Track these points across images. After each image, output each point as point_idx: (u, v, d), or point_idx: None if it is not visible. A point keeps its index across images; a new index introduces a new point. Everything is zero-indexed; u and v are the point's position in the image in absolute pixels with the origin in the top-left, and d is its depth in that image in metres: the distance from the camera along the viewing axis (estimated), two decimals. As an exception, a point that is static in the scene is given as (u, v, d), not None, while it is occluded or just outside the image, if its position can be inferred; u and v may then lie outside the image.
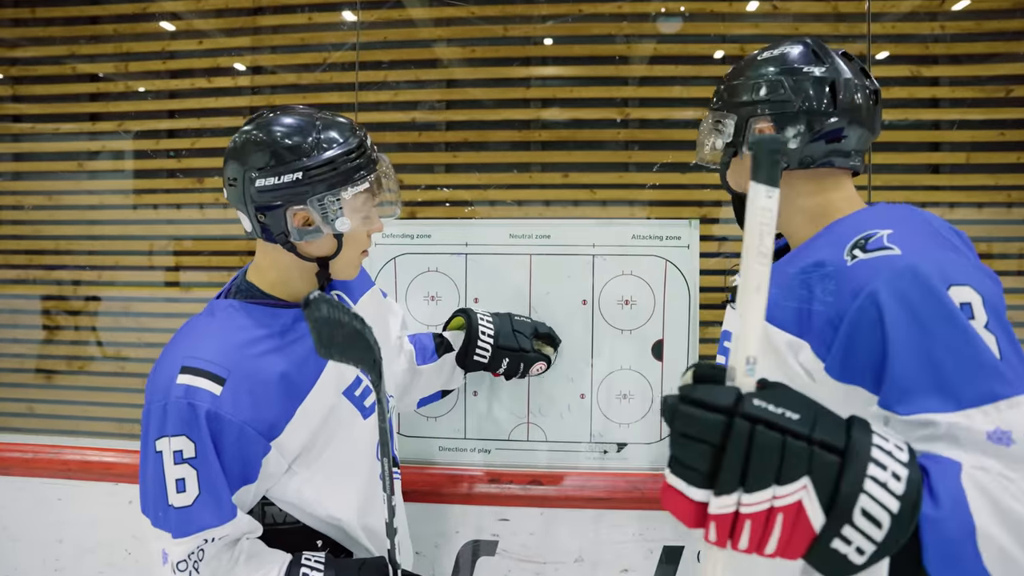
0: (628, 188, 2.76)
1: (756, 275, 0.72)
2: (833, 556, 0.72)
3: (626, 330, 1.74)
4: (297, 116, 1.19)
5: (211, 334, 1.17)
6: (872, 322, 0.90)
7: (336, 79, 2.81)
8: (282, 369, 1.17)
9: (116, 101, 2.94)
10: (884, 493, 0.71)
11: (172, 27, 2.90)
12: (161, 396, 1.10)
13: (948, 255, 0.94)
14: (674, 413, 0.72)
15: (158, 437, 1.09)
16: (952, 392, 0.83)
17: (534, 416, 1.76)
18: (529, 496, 1.71)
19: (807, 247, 1.09)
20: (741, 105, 1.16)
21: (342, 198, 1.17)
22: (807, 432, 0.71)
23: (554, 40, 2.77)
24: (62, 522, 1.85)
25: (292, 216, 1.16)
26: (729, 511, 0.70)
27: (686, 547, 1.69)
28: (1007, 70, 2.65)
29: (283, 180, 1.14)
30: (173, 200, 2.93)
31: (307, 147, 1.15)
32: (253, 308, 1.21)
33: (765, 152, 0.72)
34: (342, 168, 1.17)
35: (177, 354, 1.14)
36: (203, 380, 1.10)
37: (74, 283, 3.01)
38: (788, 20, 2.66)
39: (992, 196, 2.62)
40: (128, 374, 2.91)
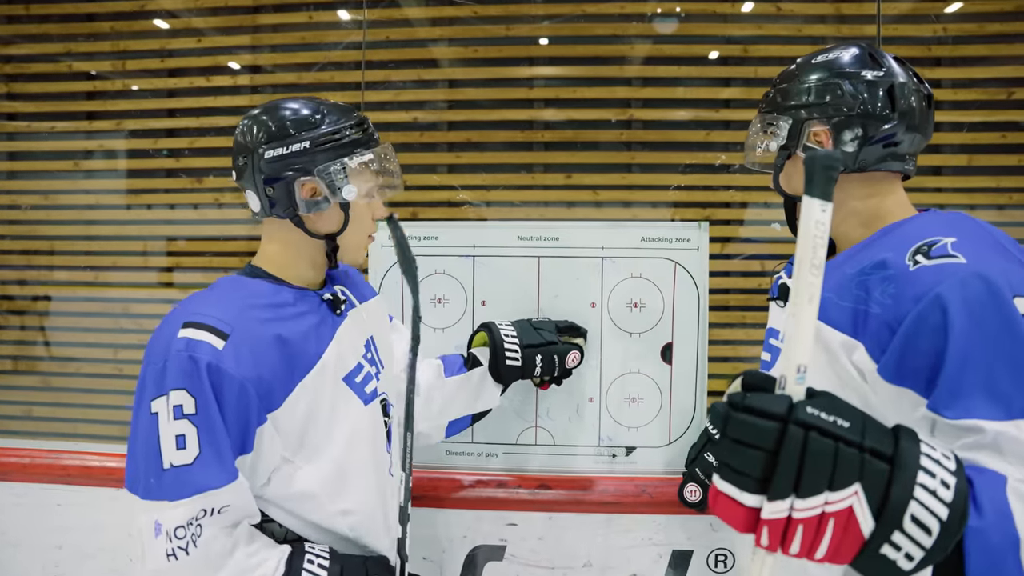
0: (631, 189, 2.76)
1: (809, 286, 0.72)
2: (882, 562, 0.73)
3: (635, 333, 1.73)
4: (300, 99, 1.25)
5: (214, 297, 1.18)
6: (935, 326, 0.90)
7: (338, 78, 2.79)
8: (285, 337, 1.16)
9: (113, 99, 2.92)
10: (934, 500, 0.72)
11: (167, 25, 2.87)
12: (161, 355, 1.07)
13: (1012, 266, 0.95)
14: (727, 420, 0.74)
15: (155, 397, 1.05)
16: (1004, 401, 0.85)
17: (542, 420, 1.75)
18: (537, 500, 1.70)
19: (864, 248, 1.09)
20: (796, 108, 1.16)
21: (347, 166, 1.20)
22: (859, 439, 0.71)
23: (556, 40, 2.76)
24: (62, 528, 1.83)
25: (300, 187, 1.19)
26: (782, 516, 0.71)
27: (695, 552, 1.68)
28: (1008, 72, 2.66)
29: (291, 149, 1.18)
30: (171, 200, 2.91)
31: (313, 120, 1.20)
32: (256, 281, 1.23)
33: (820, 168, 0.72)
34: (346, 139, 1.21)
35: (178, 314, 1.13)
36: (205, 333, 1.08)
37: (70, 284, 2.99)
38: (791, 22, 2.66)
39: (994, 198, 2.63)
40: (126, 376, 2.89)
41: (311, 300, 1.25)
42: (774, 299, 1.32)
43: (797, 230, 1.21)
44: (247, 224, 2.88)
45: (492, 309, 1.75)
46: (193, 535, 1.03)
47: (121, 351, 2.88)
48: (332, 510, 1.22)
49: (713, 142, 2.71)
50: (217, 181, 2.87)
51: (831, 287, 1.04)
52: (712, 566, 1.67)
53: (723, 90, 2.73)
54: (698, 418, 1.72)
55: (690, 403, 1.73)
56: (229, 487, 1.07)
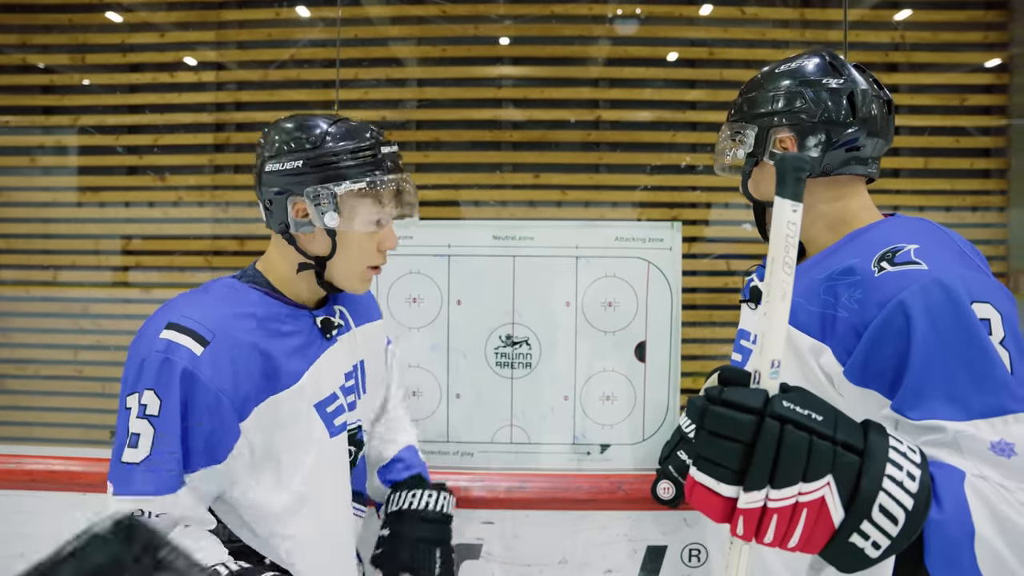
0: (598, 189, 2.79)
1: (781, 284, 0.76)
2: (851, 550, 0.76)
3: (609, 332, 1.75)
4: (319, 115, 1.22)
5: (204, 300, 1.15)
6: (898, 330, 0.94)
7: (305, 76, 2.76)
8: (267, 351, 1.14)
9: (71, 94, 2.84)
10: (900, 491, 0.75)
11: (120, 19, 2.80)
12: (141, 352, 1.06)
13: (971, 272, 0.97)
14: (704, 414, 0.76)
15: (130, 392, 1.04)
16: (963, 402, 0.88)
17: (517, 418, 1.76)
18: (513, 499, 1.70)
19: (832, 254, 1.12)
20: (762, 116, 1.18)
21: (336, 193, 1.15)
22: (831, 433, 0.75)
23: (524, 41, 2.78)
24: (24, 535, 1.77)
25: (292, 206, 1.17)
26: (757, 506, 0.74)
27: (669, 547, 1.70)
28: (961, 79, 2.76)
29: (286, 167, 1.16)
30: (132, 198, 2.84)
31: (314, 138, 1.17)
32: (251, 290, 1.20)
33: (790, 170, 0.77)
34: (343, 163, 1.16)
35: (164, 313, 1.10)
36: (186, 338, 1.06)
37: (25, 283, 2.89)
38: (756, 26, 2.72)
39: (948, 200, 2.73)
40: (86, 378, 2.81)
41: (303, 320, 1.22)
42: (746, 301, 1.35)
43: (767, 234, 1.25)
44: (208, 223, 2.84)
45: (467, 308, 1.75)
46: None
47: (81, 352, 2.81)
48: (277, 530, 1.18)
49: (679, 143, 2.76)
50: (179, 179, 2.82)
51: (800, 292, 1.08)
52: (686, 561, 1.70)
53: (689, 92, 2.78)
54: (671, 415, 1.75)
55: (663, 400, 1.75)
56: (165, 498, 1.05)
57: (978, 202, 2.72)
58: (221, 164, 2.81)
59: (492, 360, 1.74)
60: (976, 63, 2.73)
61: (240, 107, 2.80)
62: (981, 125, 2.74)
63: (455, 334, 1.75)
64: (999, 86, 2.73)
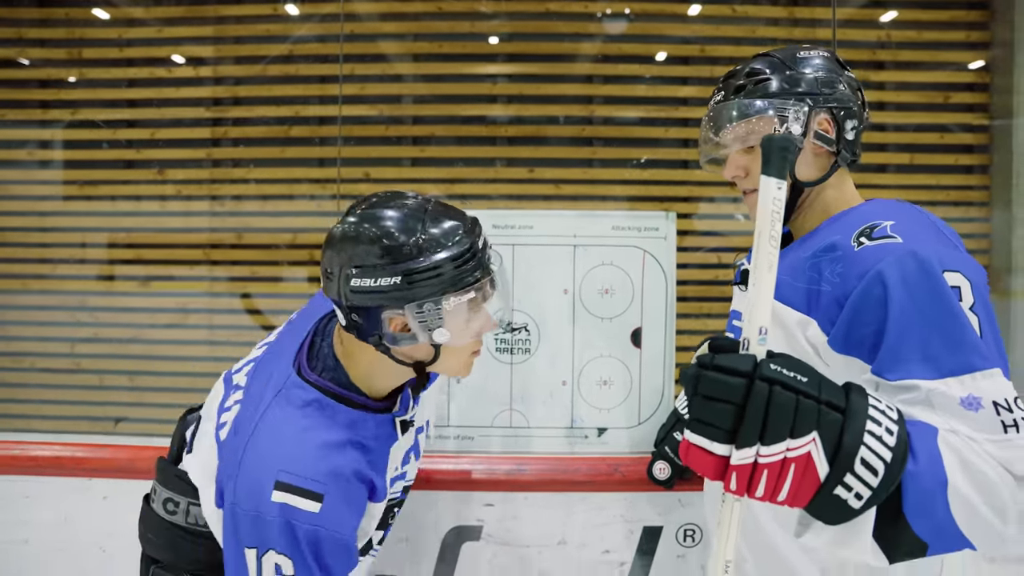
0: (592, 183, 2.83)
1: (768, 256, 0.82)
2: (835, 502, 0.82)
3: (606, 318, 1.79)
4: (405, 209, 1.09)
5: (301, 439, 1.10)
6: (876, 299, 1.01)
7: (303, 71, 2.79)
8: (367, 475, 1.14)
9: (68, 89, 2.85)
10: (880, 445, 0.82)
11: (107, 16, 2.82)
12: (253, 506, 1.05)
13: (941, 245, 1.05)
14: (698, 379, 0.82)
15: (250, 546, 1.05)
16: (936, 362, 0.95)
17: (516, 402, 1.80)
18: (512, 481, 1.74)
19: (816, 235, 1.19)
20: (810, 95, 1.18)
21: (443, 307, 1.06)
22: (816, 393, 0.81)
23: (520, 38, 2.82)
24: (29, 521, 1.79)
25: (388, 321, 1.07)
26: (749, 462, 0.80)
27: (664, 527, 1.75)
28: (946, 77, 2.83)
29: (380, 283, 1.05)
30: (130, 192, 2.86)
31: (410, 248, 1.05)
32: (340, 409, 1.14)
33: (777, 149, 0.82)
34: (448, 274, 1.06)
35: (268, 460, 1.08)
36: (299, 499, 1.05)
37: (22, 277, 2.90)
38: (746, 24, 2.77)
39: (933, 195, 2.80)
40: (83, 370, 2.82)
41: (385, 424, 1.20)
42: (737, 283, 1.40)
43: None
44: (206, 217, 2.86)
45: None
46: None
47: (78, 345, 2.82)
48: None
49: (671, 138, 2.81)
50: (178, 173, 2.84)
51: (786, 270, 1.14)
52: (681, 540, 1.75)
53: (681, 88, 2.83)
54: (666, 399, 1.80)
55: (659, 385, 1.80)
56: None
57: (961, 197, 2.79)
58: (219, 158, 2.83)
59: (492, 346, 1.78)
60: (959, 62, 2.80)
61: (238, 102, 2.82)
62: (964, 122, 2.81)
63: (456, 321, 1.79)
64: (981, 84, 2.80)
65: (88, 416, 2.81)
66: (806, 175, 1.22)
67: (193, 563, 1.23)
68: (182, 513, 1.24)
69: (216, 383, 1.34)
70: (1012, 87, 2.74)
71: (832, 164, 1.21)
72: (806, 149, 1.20)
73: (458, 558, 1.74)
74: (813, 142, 1.19)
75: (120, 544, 1.78)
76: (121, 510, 1.77)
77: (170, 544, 1.24)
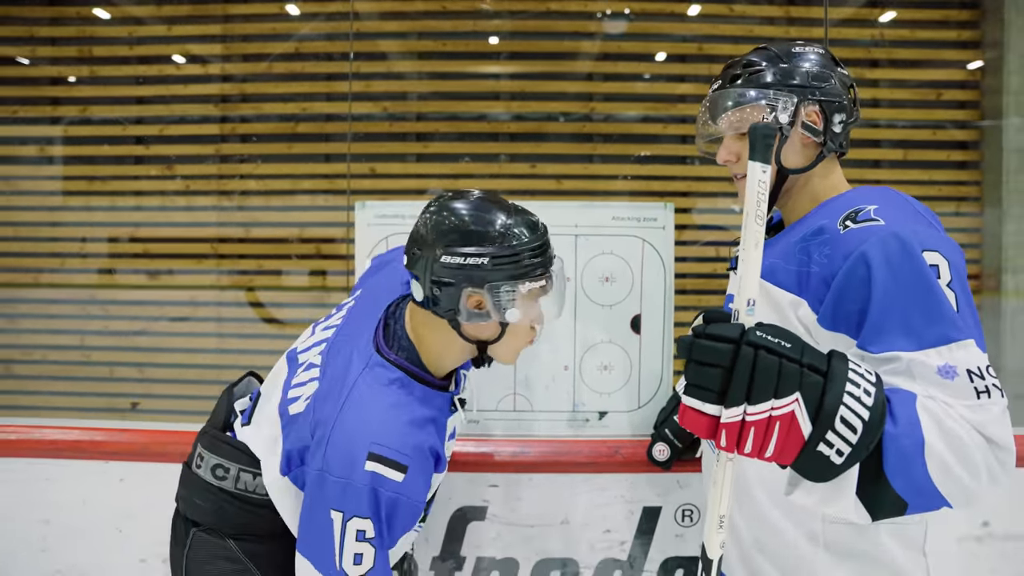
0: (592, 179, 2.90)
1: (755, 233, 0.90)
2: (818, 457, 0.89)
3: (606, 305, 1.85)
4: (491, 202, 1.23)
5: (391, 418, 1.21)
6: (861, 278, 1.07)
7: (309, 69, 2.85)
8: (440, 450, 1.26)
9: (78, 86, 2.91)
10: (858, 405, 0.89)
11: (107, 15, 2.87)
12: (344, 473, 1.15)
13: (922, 227, 1.11)
14: (691, 346, 0.90)
15: (336, 508, 1.14)
16: (916, 335, 1.02)
17: (520, 387, 1.86)
18: (517, 463, 1.80)
19: (805, 221, 1.25)
20: (799, 88, 1.23)
21: (518, 290, 1.18)
22: (798, 357, 0.88)
23: (522, 36, 2.88)
24: (49, 503, 1.85)
25: (467, 297, 1.18)
26: (737, 420, 0.88)
27: (663, 508, 1.80)
28: (938, 75, 2.89)
29: (468, 261, 1.16)
30: (139, 187, 2.92)
31: (496, 233, 1.18)
32: (417, 387, 1.26)
33: (761, 137, 0.91)
34: (525, 261, 1.18)
35: (360, 433, 1.17)
36: (388, 469, 1.15)
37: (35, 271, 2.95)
38: (743, 23, 2.84)
39: (926, 191, 2.86)
40: (93, 363, 2.88)
41: (447, 401, 1.32)
42: (732, 270, 1.45)
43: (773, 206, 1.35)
44: (214, 211, 2.92)
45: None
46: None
47: (88, 337, 2.88)
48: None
49: (670, 134, 2.87)
50: (185, 168, 2.90)
51: (779, 254, 1.21)
52: (679, 520, 1.80)
53: (679, 86, 2.89)
54: (665, 384, 1.86)
55: (657, 370, 1.86)
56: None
57: (954, 192, 2.86)
58: (227, 154, 2.88)
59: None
60: (950, 60, 2.87)
61: (245, 99, 2.88)
62: (956, 119, 2.87)
63: (461, 308, 1.85)
64: (972, 82, 2.87)
65: (98, 408, 2.86)
66: (793, 163, 1.27)
67: (236, 527, 1.32)
68: (232, 479, 1.32)
69: (278, 361, 1.44)
70: (1002, 86, 2.81)
71: (818, 154, 1.26)
72: (794, 138, 1.25)
73: (464, 537, 1.80)
74: (801, 132, 1.24)
75: (136, 525, 1.85)
76: (137, 492, 1.84)
77: (216, 508, 1.33)
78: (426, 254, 1.19)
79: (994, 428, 0.96)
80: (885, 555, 1.16)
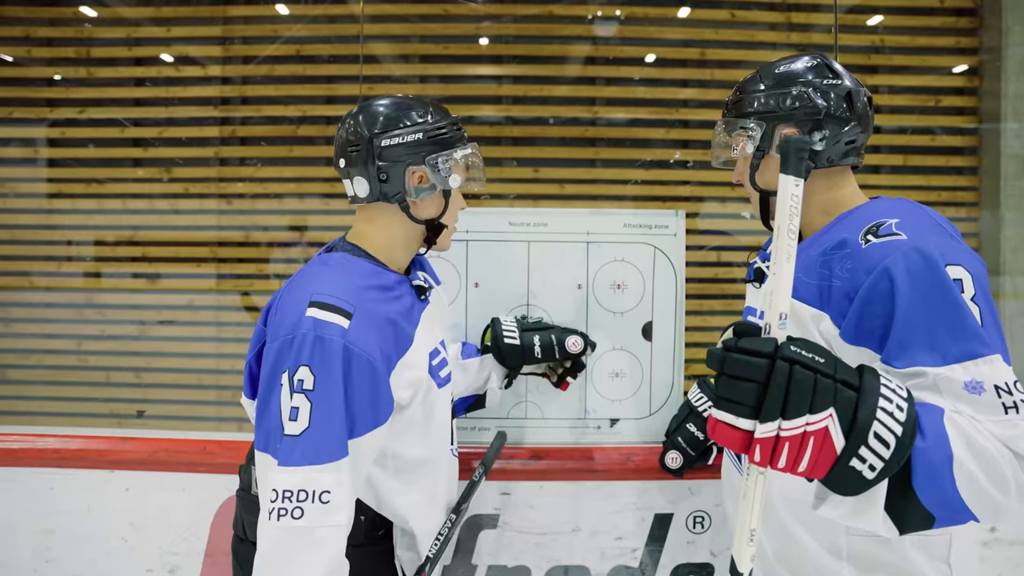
0: (595, 183, 2.89)
1: (787, 247, 0.90)
2: (851, 473, 0.89)
3: (618, 312, 1.85)
4: (401, 96, 1.37)
5: (332, 275, 1.24)
6: (884, 292, 1.07)
7: (310, 71, 2.83)
8: (393, 318, 1.25)
9: (76, 87, 2.87)
10: (891, 420, 0.89)
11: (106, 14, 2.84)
12: (288, 331, 1.14)
13: (944, 239, 1.11)
14: (724, 360, 0.89)
15: (282, 370, 1.12)
16: (941, 350, 1.02)
17: (531, 394, 1.85)
18: (528, 471, 1.80)
19: (825, 233, 1.25)
20: (769, 113, 1.28)
21: (452, 158, 1.34)
22: (832, 372, 0.88)
23: (523, 40, 2.87)
24: (54, 512, 1.82)
25: (410, 175, 1.31)
26: (771, 435, 0.87)
27: (675, 515, 1.81)
28: (937, 82, 2.91)
29: (406, 140, 1.30)
30: (138, 190, 2.88)
31: (421, 114, 1.33)
32: (363, 262, 1.32)
33: (793, 151, 0.91)
34: (452, 133, 1.35)
35: (302, 291, 1.19)
36: (331, 314, 1.15)
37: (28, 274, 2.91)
38: (745, 28, 2.85)
39: (925, 196, 2.88)
40: (90, 367, 2.84)
41: (405, 285, 1.36)
42: (750, 281, 1.46)
43: (770, 223, 1.35)
44: (214, 215, 2.89)
45: (484, 290, 1.84)
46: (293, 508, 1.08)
47: (85, 342, 2.84)
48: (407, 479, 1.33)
49: (672, 139, 2.87)
50: (185, 171, 2.87)
51: (799, 268, 1.20)
52: (691, 527, 1.81)
53: (681, 90, 2.89)
54: (676, 391, 1.86)
55: (668, 377, 1.86)
56: (329, 466, 1.10)
57: (952, 198, 2.88)
58: (227, 157, 2.86)
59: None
60: (949, 66, 2.89)
61: (245, 101, 2.86)
62: (954, 125, 2.90)
63: (473, 315, 1.84)
64: (970, 88, 2.89)
65: (96, 413, 2.83)
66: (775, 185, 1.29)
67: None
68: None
69: None
70: (999, 91, 2.83)
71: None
72: (770, 162, 1.30)
73: (475, 545, 1.79)
74: (774, 154, 1.27)
75: (141, 535, 1.83)
76: (142, 501, 1.82)
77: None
78: (365, 147, 1.30)
79: (1023, 443, 0.96)
80: (910, 566, 1.16)
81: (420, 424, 1.33)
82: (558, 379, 1.79)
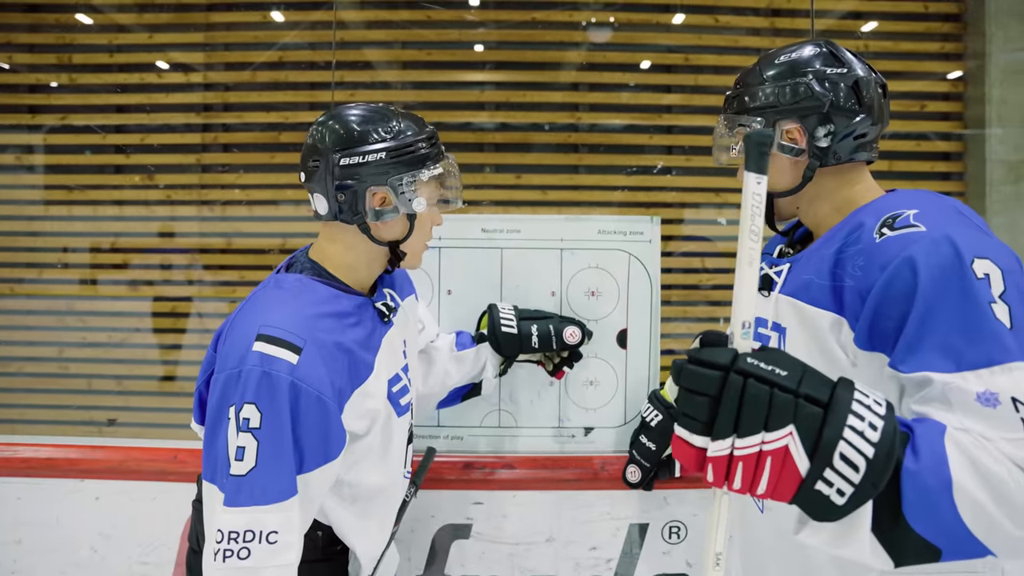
0: (578, 189, 2.88)
1: (749, 251, 0.83)
2: (817, 497, 0.81)
3: (592, 319, 1.83)
4: (376, 108, 1.27)
5: (283, 303, 1.18)
6: (905, 285, 0.97)
7: (292, 78, 2.82)
8: (348, 347, 1.19)
9: (57, 94, 2.86)
10: (861, 440, 0.79)
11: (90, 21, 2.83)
12: (235, 364, 1.09)
13: (970, 231, 1.00)
14: (680, 372, 0.84)
15: (229, 404, 1.08)
16: (955, 354, 0.91)
17: (505, 403, 1.83)
18: (501, 480, 1.78)
19: (838, 231, 1.14)
20: (768, 108, 1.19)
21: (418, 180, 1.24)
22: (793, 386, 0.80)
23: (505, 46, 2.87)
24: (21, 522, 1.80)
25: (371, 196, 1.22)
26: (724, 454, 0.81)
27: (650, 524, 1.79)
28: (922, 87, 2.90)
29: (366, 159, 1.20)
30: (120, 196, 2.87)
31: (388, 130, 1.23)
32: (320, 285, 1.24)
33: (754, 145, 0.83)
34: (419, 152, 1.25)
35: (251, 322, 1.14)
36: (278, 349, 1.09)
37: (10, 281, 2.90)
38: (728, 33, 2.84)
39: (910, 201, 2.86)
40: (71, 375, 2.83)
41: (366, 308, 1.29)
42: (758, 290, 1.39)
43: (774, 224, 1.30)
44: (195, 221, 2.88)
45: (457, 298, 1.82)
46: (240, 549, 1.05)
47: (66, 349, 2.82)
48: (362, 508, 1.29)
49: (656, 145, 2.86)
50: (166, 178, 2.86)
51: (811, 270, 1.12)
52: (666, 537, 1.79)
53: (665, 96, 2.89)
54: (651, 399, 1.84)
55: (644, 385, 1.84)
56: (276, 506, 1.07)
57: (937, 203, 2.86)
58: (208, 164, 2.85)
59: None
60: (934, 72, 2.88)
61: (228, 108, 2.85)
62: (940, 131, 2.89)
63: (445, 323, 1.82)
64: (955, 94, 2.88)
65: (76, 420, 2.81)
66: (782, 184, 1.21)
67: None
68: None
69: None
70: (984, 97, 2.82)
71: (806, 171, 1.17)
72: (776, 160, 1.20)
73: (448, 556, 1.77)
74: (776, 153, 1.18)
75: (111, 544, 1.80)
76: (112, 511, 1.80)
77: None
78: (324, 163, 1.21)
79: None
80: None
81: (378, 452, 1.29)
82: (554, 368, 1.76)
